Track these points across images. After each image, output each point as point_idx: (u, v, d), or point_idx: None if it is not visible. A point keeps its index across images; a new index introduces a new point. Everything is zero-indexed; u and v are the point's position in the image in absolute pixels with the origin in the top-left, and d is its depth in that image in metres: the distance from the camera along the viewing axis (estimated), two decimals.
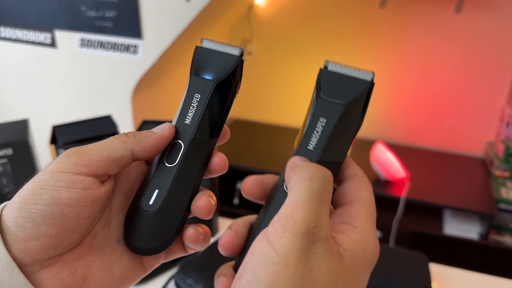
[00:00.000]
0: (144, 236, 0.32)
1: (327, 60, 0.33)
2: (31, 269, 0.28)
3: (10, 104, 1.82)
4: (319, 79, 0.32)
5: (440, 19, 1.79)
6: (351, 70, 0.32)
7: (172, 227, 0.32)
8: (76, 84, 1.66)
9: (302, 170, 0.28)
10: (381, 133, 2.07)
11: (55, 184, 0.28)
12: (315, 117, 0.31)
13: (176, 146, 0.33)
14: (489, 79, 1.83)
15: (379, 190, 1.67)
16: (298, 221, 0.25)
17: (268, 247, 0.25)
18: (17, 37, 1.62)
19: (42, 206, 0.28)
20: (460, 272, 0.89)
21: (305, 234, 0.25)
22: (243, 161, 1.81)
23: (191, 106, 0.34)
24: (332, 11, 1.95)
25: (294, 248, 0.25)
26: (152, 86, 1.64)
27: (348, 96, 0.31)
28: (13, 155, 0.81)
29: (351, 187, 0.30)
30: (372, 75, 0.31)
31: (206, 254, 0.82)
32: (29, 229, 0.27)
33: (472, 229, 1.66)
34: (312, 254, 0.25)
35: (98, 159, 0.30)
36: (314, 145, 0.30)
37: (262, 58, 2.11)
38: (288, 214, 0.26)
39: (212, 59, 0.34)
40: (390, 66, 1.95)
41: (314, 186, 0.27)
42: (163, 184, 0.32)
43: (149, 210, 0.32)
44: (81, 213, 0.29)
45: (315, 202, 0.26)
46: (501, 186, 1.71)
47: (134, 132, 0.32)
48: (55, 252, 0.29)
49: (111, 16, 1.44)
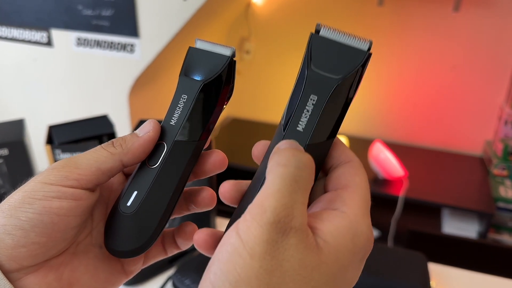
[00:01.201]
0: (121, 238, 0.31)
1: (319, 23, 0.29)
2: (17, 275, 0.28)
3: (6, 103, 1.81)
4: (310, 46, 0.29)
5: (438, 17, 1.79)
6: (346, 37, 0.29)
7: (149, 229, 0.31)
8: (73, 84, 1.65)
9: (277, 156, 0.26)
10: (379, 132, 2.07)
11: (46, 194, 0.28)
12: (305, 94, 0.28)
13: (160, 147, 0.32)
14: (488, 78, 1.83)
15: (378, 189, 1.67)
16: (267, 210, 0.23)
17: (236, 238, 0.23)
18: (13, 36, 1.61)
19: (32, 215, 0.28)
20: (459, 271, 0.88)
21: (274, 223, 0.23)
22: (241, 160, 1.80)
23: (178, 106, 0.33)
24: (330, 9, 1.95)
25: (261, 239, 0.23)
26: (149, 85, 1.64)
27: (342, 70, 0.28)
28: (9, 155, 0.81)
29: (345, 172, 0.28)
30: (369, 44, 0.28)
31: (203, 255, 0.82)
32: (17, 236, 0.27)
33: (471, 228, 1.66)
34: (282, 246, 0.23)
35: (88, 173, 0.30)
36: (304, 125, 0.28)
37: (260, 56, 2.11)
38: (258, 203, 0.24)
39: (202, 60, 0.33)
40: (388, 65, 1.94)
41: (288, 172, 0.25)
42: (142, 185, 0.32)
43: (126, 211, 0.31)
44: (70, 222, 0.29)
45: (288, 189, 0.24)
46: (500, 184, 1.71)
47: (120, 141, 0.32)
48: (42, 259, 0.29)
49: (107, 15, 1.44)
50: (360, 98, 2.03)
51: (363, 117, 2.07)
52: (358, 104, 2.04)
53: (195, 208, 0.35)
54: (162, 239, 0.35)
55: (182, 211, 0.36)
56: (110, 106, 1.59)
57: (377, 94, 2.01)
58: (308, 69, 0.28)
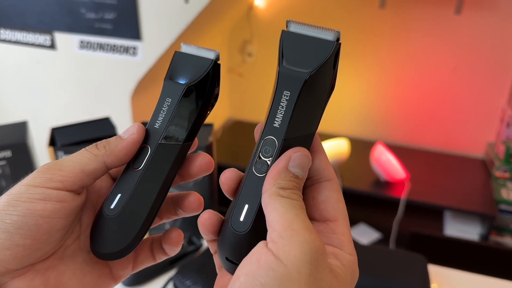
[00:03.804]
0: (105, 240, 0.31)
1: (288, 19, 0.30)
2: (3, 278, 0.28)
3: (9, 106, 1.82)
4: (282, 43, 0.29)
5: (440, 19, 1.79)
6: (315, 29, 0.29)
7: (132, 231, 0.31)
8: (76, 86, 1.66)
9: (273, 199, 0.28)
10: (381, 134, 2.07)
11: (30, 197, 0.28)
12: (279, 90, 0.29)
13: (144, 150, 0.33)
14: (490, 80, 1.82)
15: (379, 191, 1.67)
16: (300, 232, 0.25)
17: (277, 262, 0.24)
18: (16, 39, 1.62)
19: (16, 217, 0.28)
20: (460, 274, 0.88)
21: (312, 245, 0.25)
22: (243, 162, 1.80)
23: (162, 110, 0.33)
24: (332, 12, 1.95)
25: (304, 260, 0.24)
26: (151, 87, 1.64)
27: (312, 63, 0.28)
28: (12, 157, 0.81)
29: (330, 197, 0.30)
30: (337, 34, 0.28)
31: (204, 256, 0.82)
32: (2, 239, 0.27)
33: (473, 230, 1.65)
34: (321, 266, 0.25)
35: (72, 175, 0.30)
36: (280, 122, 0.29)
37: (261, 59, 2.11)
38: (286, 224, 0.26)
39: (187, 64, 0.33)
40: (390, 67, 1.94)
41: (290, 202, 0.27)
42: (126, 188, 0.32)
43: (110, 214, 0.31)
44: (55, 224, 0.29)
45: (300, 213, 0.27)
46: (502, 187, 1.70)
47: (104, 143, 0.32)
48: (27, 262, 0.29)
49: (110, 18, 1.45)
50: (361, 100, 2.04)
51: (365, 119, 2.07)
52: (360, 106, 2.05)
53: (182, 212, 0.35)
54: (151, 245, 0.36)
55: (170, 215, 0.36)
56: (112, 109, 1.60)
57: (378, 96, 2.01)
58: (280, 66, 0.29)
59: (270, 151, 0.29)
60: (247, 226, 0.28)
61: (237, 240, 0.29)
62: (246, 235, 0.28)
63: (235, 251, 0.29)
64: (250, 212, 0.29)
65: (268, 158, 0.29)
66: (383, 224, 1.68)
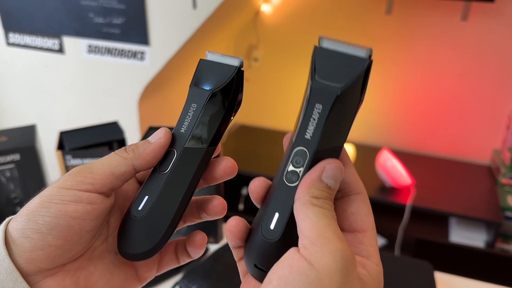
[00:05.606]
0: (132, 241, 0.32)
1: (321, 36, 0.31)
2: (35, 278, 0.29)
3: (18, 109, 1.84)
4: (314, 58, 0.30)
5: (446, 26, 1.79)
6: (347, 46, 0.30)
7: (159, 232, 0.32)
8: (83, 90, 1.67)
9: (307, 207, 0.28)
10: (386, 140, 2.06)
11: (62, 199, 0.29)
12: (311, 103, 0.29)
13: (170, 154, 0.34)
14: (495, 86, 1.82)
15: (385, 197, 1.66)
16: (331, 240, 0.26)
17: (310, 267, 0.25)
18: (25, 43, 1.64)
19: (49, 218, 0.29)
20: (466, 281, 0.88)
21: (343, 253, 0.26)
22: (249, 167, 1.81)
23: (188, 115, 0.34)
24: (338, 18, 1.95)
25: (336, 268, 0.25)
26: (159, 92, 1.65)
27: (344, 78, 0.29)
28: (20, 160, 0.82)
29: (359, 209, 0.30)
30: (369, 51, 0.30)
31: (210, 261, 0.82)
32: (35, 239, 0.28)
33: (478, 237, 1.65)
34: (351, 273, 0.25)
35: (103, 177, 0.31)
36: (312, 133, 0.29)
37: (268, 64, 2.12)
38: (319, 232, 0.26)
39: (211, 71, 0.35)
40: (396, 73, 1.95)
41: (323, 211, 0.28)
42: (153, 190, 0.33)
43: (137, 215, 0.32)
44: (85, 226, 0.30)
45: (332, 223, 0.27)
46: (508, 194, 1.70)
47: (132, 146, 0.33)
48: (58, 262, 0.30)
49: (118, 22, 1.46)
50: (367, 106, 2.03)
51: (371, 125, 2.07)
52: (366, 112, 2.05)
53: (206, 216, 0.36)
54: (175, 247, 0.37)
55: (194, 219, 0.37)
56: (120, 113, 1.61)
57: (384, 102, 2.01)
58: (313, 80, 0.30)
59: (301, 162, 0.30)
60: (277, 234, 0.29)
61: (266, 247, 0.29)
62: (276, 243, 0.29)
63: (264, 258, 0.30)
64: (281, 221, 0.29)
65: (299, 169, 0.30)
66: (388, 230, 1.68)
